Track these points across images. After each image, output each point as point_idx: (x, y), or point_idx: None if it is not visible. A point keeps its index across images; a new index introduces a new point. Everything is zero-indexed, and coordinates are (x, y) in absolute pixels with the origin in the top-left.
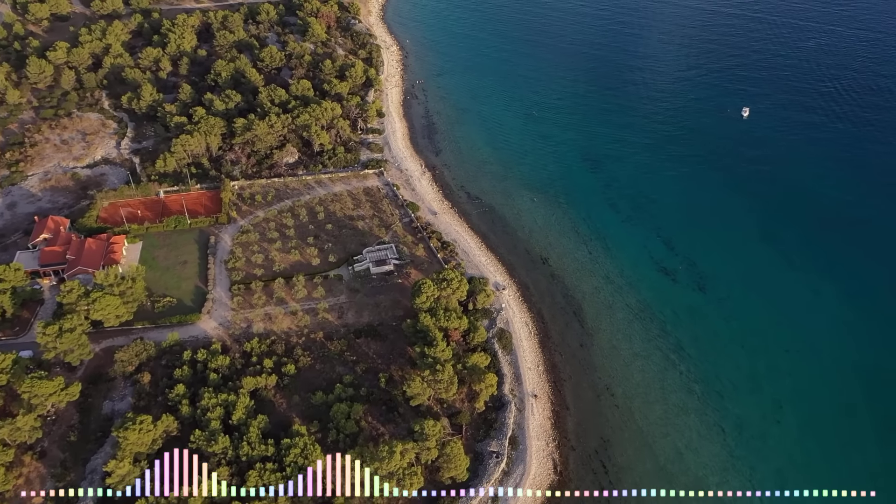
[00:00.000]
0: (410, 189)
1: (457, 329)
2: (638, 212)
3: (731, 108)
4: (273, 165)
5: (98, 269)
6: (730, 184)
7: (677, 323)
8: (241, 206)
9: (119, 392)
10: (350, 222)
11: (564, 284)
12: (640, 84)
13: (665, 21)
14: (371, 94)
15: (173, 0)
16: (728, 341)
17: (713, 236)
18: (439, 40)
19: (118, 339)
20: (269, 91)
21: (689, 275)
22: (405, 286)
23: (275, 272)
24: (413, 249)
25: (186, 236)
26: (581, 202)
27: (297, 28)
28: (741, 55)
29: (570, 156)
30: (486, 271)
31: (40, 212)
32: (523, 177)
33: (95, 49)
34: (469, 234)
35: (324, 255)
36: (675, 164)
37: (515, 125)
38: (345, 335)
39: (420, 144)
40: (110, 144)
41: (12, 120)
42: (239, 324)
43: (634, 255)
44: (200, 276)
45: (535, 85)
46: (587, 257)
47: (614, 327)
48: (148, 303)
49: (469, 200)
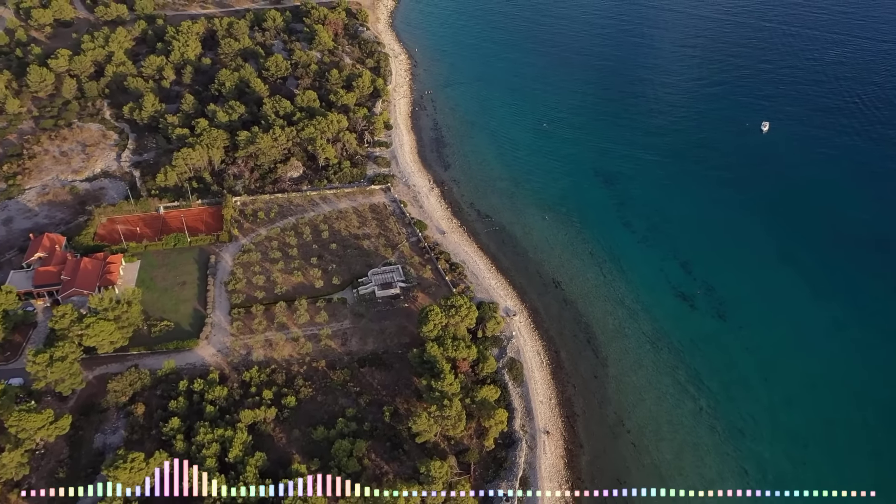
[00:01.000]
0: (418, 206)
1: (465, 359)
2: (653, 232)
3: (750, 122)
4: (277, 180)
5: (94, 290)
6: (749, 202)
7: (695, 352)
8: (244, 224)
9: (111, 424)
10: (355, 241)
11: (577, 309)
12: (655, 97)
13: (678, 32)
14: (378, 105)
15: (178, 6)
16: (748, 373)
17: (731, 258)
18: (449, 49)
19: (112, 366)
20: (273, 102)
21: (707, 300)
22: (412, 311)
23: (276, 295)
24: (420, 271)
25: (186, 255)
26: (594, 221)
27: (304, 36)
28: (759, 67)
29: (583, 171)
30: (496, 295)
31: (37, 227)
32: (534, 193)
33: (98, 57)
34: (478, 255)
35: (327, 276)
36: (691, 180)
37: (526, 138)
38: (348, 364)
39: (428, 158)
40: (110, 157)
41: (11, 130)
42: (238, 351)
43: (650, 278)
44: (199, 299)
45: (546, 96)
46: (601, 280)
47: (629, 356)
48: (144, 327)
49: (478, 219)
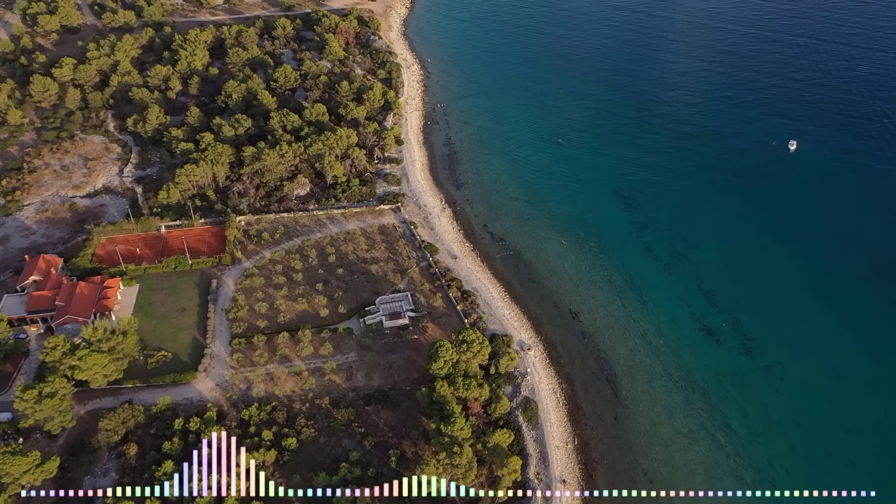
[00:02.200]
0: (429, 228)
1: (477, 399)
2: (676, 259)
3: (777, 141)
4: (283, 198)
5: (89, 317)
6: (777, 227)
7: (722, 394)
8: (247, 245)
9: (102, 466)
10: (363, 266)
11: (596, 344)
12: (675, 114)
13: (700, 46)
14: (389, 119)
15: (188, 12)
16: (780, 418)
17: (759, 289)
18: (462, 59)
19: (106, 400)
20: (281, 116)
21: (734, 335)
22: (421, 343)
23: (279, 324)
24: (430, 299)
25: (187, 279)
26: (614, 246)
27: (315, 45)
28: (785, 83)
29: (602, 191)
30: (510, 326)
31: (34, 247)
32: (551, 215)
33: (103, 66)
34: (492, 282)
35: (333, 304)
36: (715, 202)
37: (542, 155)
38: (353, 402)
39: (440, 176)
40: (112, 171)
41: (13, 142)
42: (238, 385)
43: (673, 310)
44: (199, 327)
45: (562, 110)
46: (621, 312)
47: (652, 397)
48: (141, 357)
49: (492, 242)
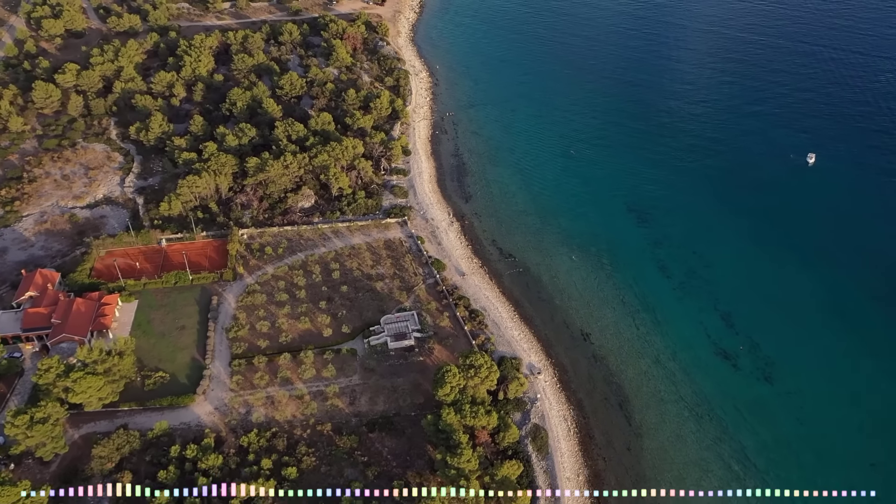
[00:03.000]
0: (436, 243)
1: (485, 428)
2: (691, 277)
3: (795, 154)
4: (287, 211)
5: (85, 336)
6: (794, 244)
7: (740, 423)
8: (249, 260)
9: (94, 498)
10: (368, 283)
11: (608, 368)
12: (690, 126)
13: (716, 55)
14: (397, 129)
15: (193, 16)
16: (801, 449)
17: (777, 310)
18: (471, 66)
19: (100, 424)
20: (285, 126)
21: (752, 360)
22: (427, 365)
23: (281, 344)
24: (437, 319)
25: (187, 295)
26: (627, 264)
27: (321, 51)
28: (803, 93)
29: (614, 205)
30: (519, 348)
31: (32, 260)
32: (561, 230)
33: (107, 72)
34: (500, 301)
35: (337, 323)
36: (730, 217)
37: (553, 167)
38: (356, 428)
39: (448, 188)
40: (114, 181)
41: (13, 150)
42: (237, 409)
43: (688, 332)
44: (199, 346)
45: (573, 120)
46: (634, 334)
47: (666, 426)
48: (138, 378)
49: (501, 258)
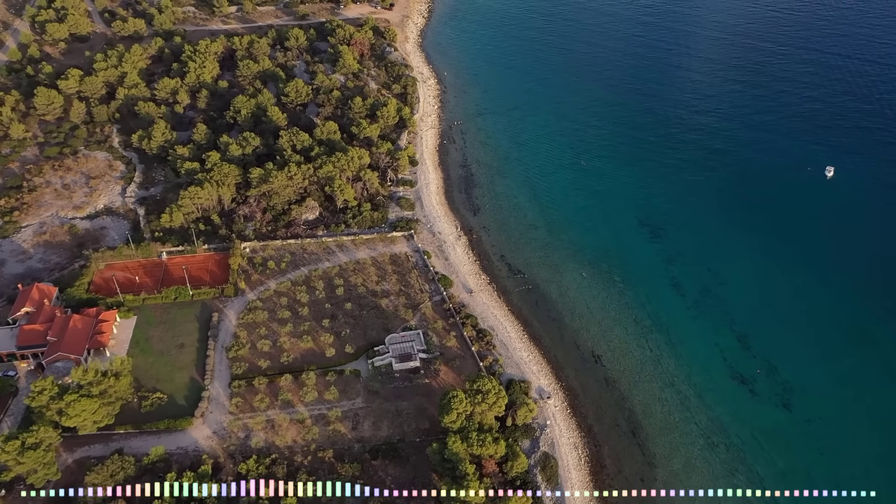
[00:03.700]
0: (443, 258)
1: (492, 457)
2: (706, 296)
3: (813, 167)
4: (291, 223)
5: (81, 354)
6: (814, 262)
7: (757, 452)
8: (252, 275)
9: None
10: (373, 299)
11: (620, 392)
12: (703, 137)
13: (731, 65)
14: (404, 138)
15: (199, 20)
16: (824, 482)
17: (795, 332)
18: (480, 73)
19: (95, 447)
20: (290, 135)
21: (770, 384)
22: (433, 388)
23: (282, 364)
24: (443, 338)
25: (187, 311)
26: (639, 281)
27: (328, 56)
28: (821, 105)
29: (625, 219)
30: (528, 371)
31: (30, 273)
32: (572, 245)
33: (110, 77)
34: (509, 320)
35: (340, 343)
36: (746, 232)
37: (563, 178)
38: (359, 455)
39: (456, 201)
40: (115, 191)
41: (14, 157)
42: (236, 433)
43: (703, 354)
44: (198, 366)
45: (584, 130)
46: (647, 356)
47: (681, 455)
48: (135, 400)
49: (510, 275)
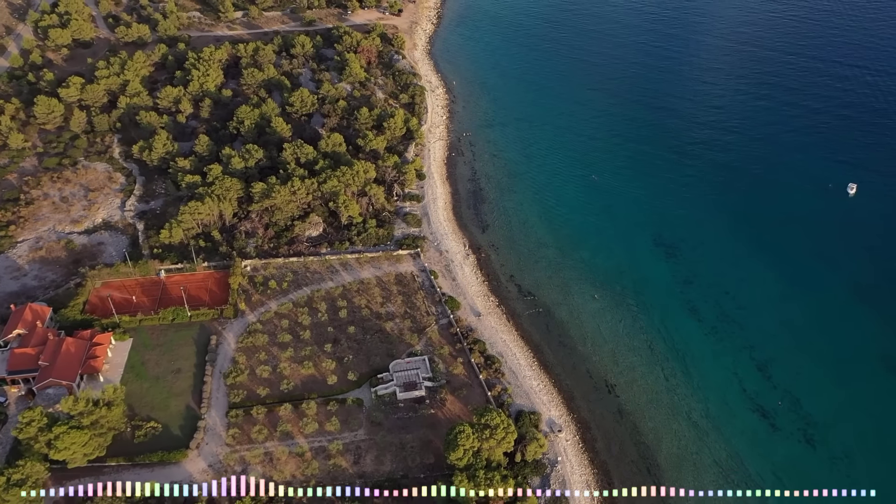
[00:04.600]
0: (450, 278)
1: (500, 497)
2: (724, 321)
3: (834, 183)
4: (293, 240)
5: (74, 380)
6: (837, 284)
7: (781, 493)
8: (252, 295)
9: None
10: (377, 322)
11: (635, 425)
12: (720, 152)
13: (748, 77)
14: (411, 150)
15: (204, 26)
16: None
17: (818, 361)
18: (490, 82)
19: (85, 479)
20: (294, 148)
21: (792, 418)
22: (438, 419)
23: (282, 392)
24: (450, 365)
25: (184, 333)
26: (654, 305)
27: (334, 64)
28: (843, 119)
29: (639, 238)
30: (539, 401)
31: (24, 291)
32: (584, 265)
33: (112, 85)
34: (518, 346)
35: (342, 369)
36: (764, 252)
37: (574, 194)
38: (360, 491)
39: (464, 217)
40: (114, 204)
41: (12, 168)
42: (233, 467)
43: (721, 384)
44: (195, 392)
45: (596, 143)
46: (663, 386)
47: (700, 495)
48: (128, 429)
49: (519, 297)
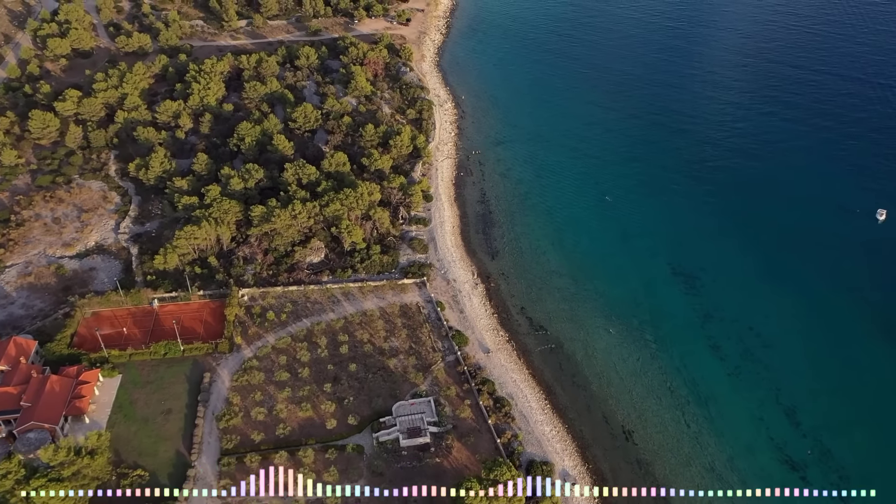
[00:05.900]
0: (458, 310)
1: None
2: (748, 361)
3: (862, 209)
4: (293, 266)
5: (57, 422)
6: (868, 319)
7: None
8: (249, 327)
9: None
10: (380, 359)
11: (655, 477)
12: (740, 172)
13: (771, 92)
14: (418, 169)
15: (207, 35)
16: None
17: (850, 404)
18: (500, 96)
19: None
20: (296, 168)
21: (824, 470)
22: (444, 469)
23: (278, 437)
24: (457, 407)
25: (176, 370)
26: (673, 341)
27: (340, 77)
28: (871, 138)
29: (656, 266)
30: (551, 450)
31: (10, 321)
32: (598, 296)
33: (110, 99)
34: (529, 387)
35: (343, 412)
36: (790, 284)
37: (587, 218)
38: None
39: (473, 242)
40: (108, 226)
41: (5, 186)
42: None
43: (747, 433)
44: (185, 436)
45: (609, 161)
46: (684, 433)
47: None
48: (113, 478)
49: (531, 331)
